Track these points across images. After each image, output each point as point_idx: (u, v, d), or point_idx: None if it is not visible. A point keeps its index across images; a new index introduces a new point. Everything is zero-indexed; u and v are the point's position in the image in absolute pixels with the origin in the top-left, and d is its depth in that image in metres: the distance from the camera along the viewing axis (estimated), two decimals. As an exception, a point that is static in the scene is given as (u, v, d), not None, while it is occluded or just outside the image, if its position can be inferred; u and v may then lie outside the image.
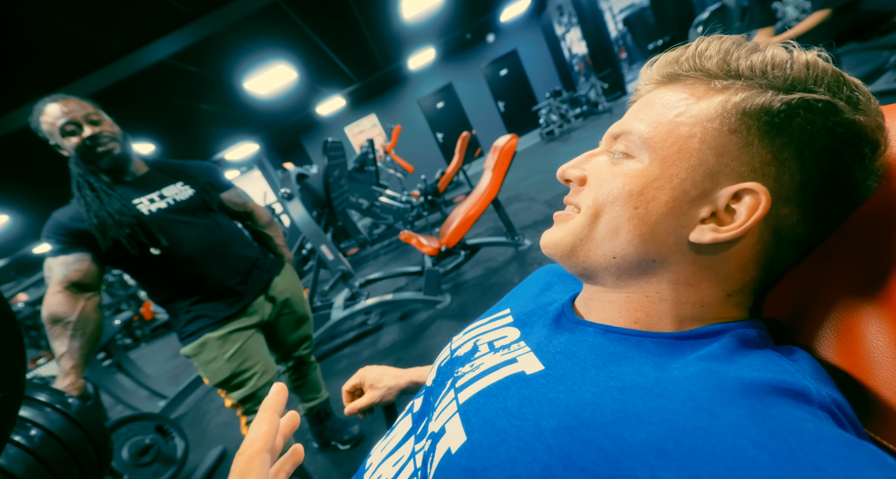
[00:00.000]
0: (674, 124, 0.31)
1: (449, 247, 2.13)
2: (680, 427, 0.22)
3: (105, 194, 0.99)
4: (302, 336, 1.34)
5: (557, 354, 0.34)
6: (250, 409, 1.12)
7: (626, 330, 0.33)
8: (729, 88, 0.29)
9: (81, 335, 0.94)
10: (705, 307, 0.32)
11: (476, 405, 0.32)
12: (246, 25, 3.27)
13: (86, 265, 0.98)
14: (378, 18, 4.49)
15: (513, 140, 2.14)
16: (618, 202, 0.32)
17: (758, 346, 0.29)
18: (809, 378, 0.26)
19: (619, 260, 0.33)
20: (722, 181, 0.29)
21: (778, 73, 0.28)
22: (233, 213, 1.26)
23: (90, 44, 2.61)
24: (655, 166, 0.31)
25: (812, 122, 0.27)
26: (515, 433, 0.27)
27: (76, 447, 0.71)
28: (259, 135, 7.45)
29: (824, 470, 0.19)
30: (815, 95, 0.27)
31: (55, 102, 0.97)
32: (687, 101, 0.31)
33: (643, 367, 0.29)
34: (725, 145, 0.29)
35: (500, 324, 0.45)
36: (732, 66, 0.30)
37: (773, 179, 0.28)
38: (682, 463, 0.21)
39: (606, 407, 0.26)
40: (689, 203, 0.30)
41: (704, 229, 0.30)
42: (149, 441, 1.39)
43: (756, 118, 0.28)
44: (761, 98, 0.28)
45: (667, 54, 0.34)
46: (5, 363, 0.54)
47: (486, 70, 8.33)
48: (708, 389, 0.24)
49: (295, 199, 2.15)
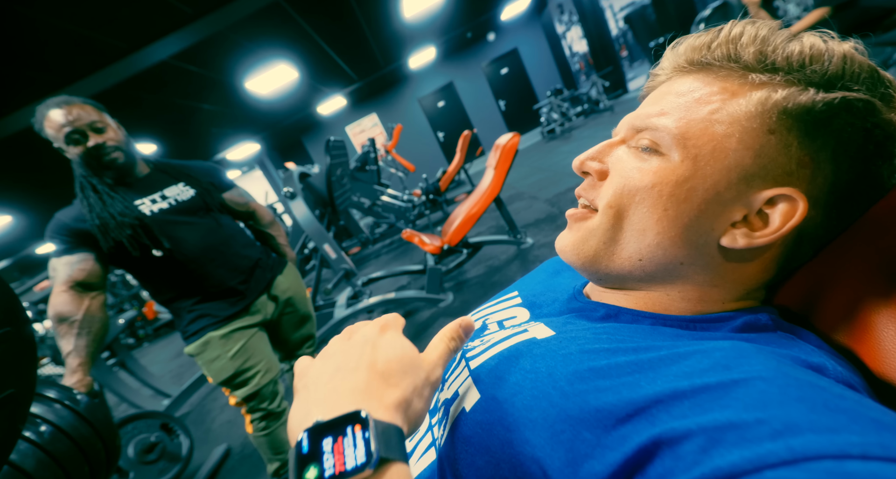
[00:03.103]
0: (709, 122, 0.28)
1: (451, 245, 2.13)
2: (697, 373, 0.23)
3: (108, 196, 1.00)
4: (305, 335, 1.34)
5: (568, 323, 0.34)
6: (254, 407, 1.13)
7: (639, 312, 0.33)
8: (767, 84, 0.28)
9: (87, 334, 0.95)
10: (725, 303, 0.32)
11: (488, 368, 0.32)
12: (247, 25, 3.27)
13: (89, 265, 0.99)
14: (379, 17, 4.49)
15: (515, 138, 2.14)
16: (645, 202, 0.30)
17: (770, 329, 0.29)
18: (826, 357, 0.26)
19: (646, 263, 0.31)
20: (757, 184, 0.28)
21: (816, 67, 0.27)
22: (235, 213, 1.26)
23: (92, 44, 2.62)
24: (688, 165, 0.29)
25: (852, 123, 0.26)
26: (529, 385, 0.27)
27: (85, 443, 0.72)
28: (260, 135, 7.46)
29: (858, 416, 0.18)
30: (856, 95, 0.26)
31: (59, 108, 0.96)
32: (722, 96, 0.29)
33: (656, 339, 0.29)
34: (763, 146, 0.27)
35: (509, 305, 0.44)
36: (769, 57, 0.28)
37: (807, 181, 0.27)
38: (696, 400, 0.21)
39: (622, 362, 0.26)
40: (723, 206, 0.28)
41: (737, 234, 0.29)
42: (154, 439, 1.41)
43: (797, 119, 0.27)
44: (803, 97, 0.26)
45: (695, 38, 0.31)
46: (16, 359, 0.54)
47: (487, 69, 8.32)
48: (724, 349, 0.24)
49: (298, 198, 2.16)
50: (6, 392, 0.53)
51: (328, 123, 8.54)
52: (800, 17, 2.50)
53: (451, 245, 2.13)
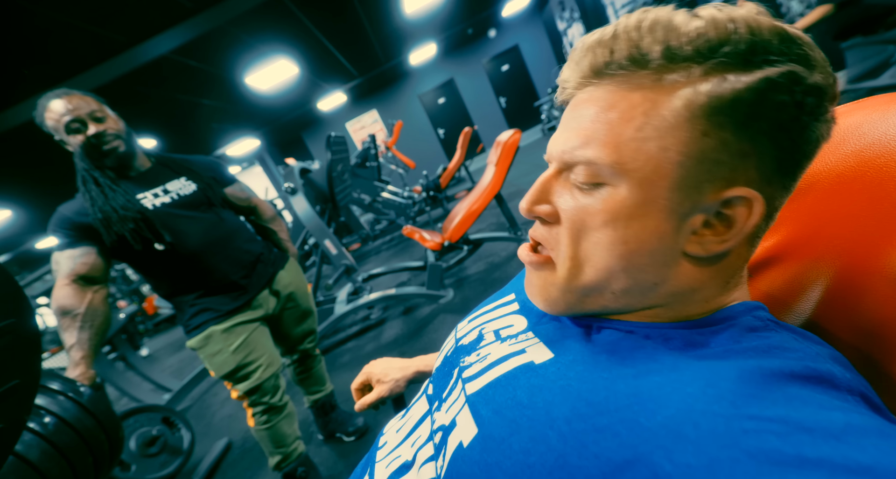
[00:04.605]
0: (639, 140, 0.26)
1: (452, 242, 2.13)
2: (699, 411, 0.22)
3: (110, 189, 1.00)
4: (306, 330, 1.35)
5: (567, 339, 0.33)
6: (256, 401, 1.14)
7: (636, 323, 0.32)
8: (685, 82, 0.26)
9: (90, 327, 0.95)
10: (710, 301, 0.31)
11: (485, 397, 0.31)
12: (248, 20, 3.25)
13: (92, 259, 0.99)
14: (380, 13, 4.46)
15: (516, 135, 2.14)
16: (603, 242, 0.29)
17: (769, 329, 0.28)
18: (830, 362, 0.25)
19: (619, 295, 0.31)
20: (707, 189, 0.26)
21: (728, 49, 0.24)
22: (237, 207, 1.26)
23: (93, 38, 2.61)
24: (635, 192, 0.27)
25: (780, 101, 0.24)
26: (527, 423, 0.27)
27: (89, 435, 0.72)
28: (260, 130, 7.43)
29: (850, 463, 0.18)
30: (776, 69, 0.24)
31: (59, 98, 0.97)
32: (643, 107, 0.26)
33: (656, 353, 0.28)
34: (702, 151, 0.26)
35: (505, 311, 0.43)
36: (676, 49, 0.25)
37: (753, 169, 0.26)
38: (700, 446, 0.20)
39: (620, 392, 0.25)
40: (681, 219, 0.27)
41: (701, 242, 0.28)
42: (156, 432, 1.41)
43: (725, 113, 0.25)
44: (725, 88, 0.25)
45: (595, 43, 0.28)
46: (21, 350, 0.55)
47: (488, 65, 8.28)
48: (730, 379, 0.23)
49: (299, 193, 2.16)
50: (11, 383, 0.53)
51: (328, 119, 8.51)
52: (803, 15, 2.49)
53: (452, 242, 2.13)
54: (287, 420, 1.20)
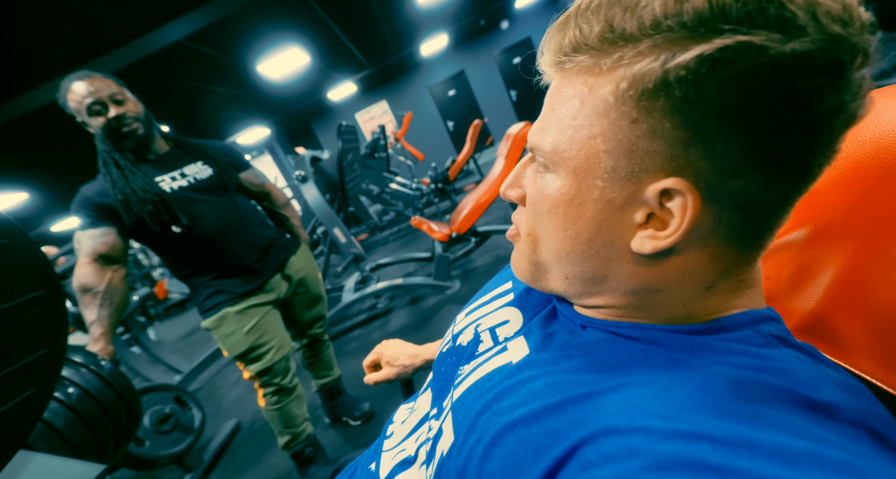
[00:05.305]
0: (573, 128, 0.26)
1: (460, 233, 2.14)
2: (640, 411, 0.21)
3: (129, 172, 1.02)
4: (316, 315, 1.37)
5: (549, 337, 0.33)
6: (267, 382, 1.17)
7: (616, 323, 0.31)
8: (617, 66, 0.23)
9: (109, 305, 0.98)
10: (689, 305, 0.28)
11: (463, 402, 0.32)
12: (261, 7, 3.25)
13: (112, 239, 1.01)
14: (392, 2, 4.43)
15: (526, 128, 2.13)
16: (549, 226, 0.29)
17: (769, 346, 0.26)
18: (835, 388, 0.22)
19: (573, 279, 0.30)
20: (643, 179, 0.24)
21: (672, 22, 0.21)
22: (251, 193, 1.28)
23: (109, 23, 2.63)
24: (571, 180, 0.27)
25: (727, 79, 0.20)
26: (492, 428, 0.27)
27: (110, 406, 0.75)
28: (270, 119, 7.45)
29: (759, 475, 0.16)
30: (720, 41, 0.20)
31: (81, 80, 0.99)
32: (580, 94, 0.25)
33: (633, 358, 0.27)
34: (631, 139, 0.24)
35: (500, 303, 0.43)
36: (617, 29, 0.23)
37: (702, 159, 0.22)
38: (626, 439, 0.20)
39: (581, 395, 0.25)
40: (618, 212, 0.26)
41: (643, 238, 0.25)
42: (168, 410, 1.45)
43: (653, 98, 0.22)
44: (653, 69, 0.22)
45: (553, 26, 0.27)
46: (50, 321, 0.57)
47: (500, 58, 8.19)
48: (690, 387, 0.22)
49: (309, 181, 2.17)
50: (41, 351, 0.56)
51: (338, 109, 8.50)
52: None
53: (460, 233, 2.14)
54: (296, 402, 1.23)
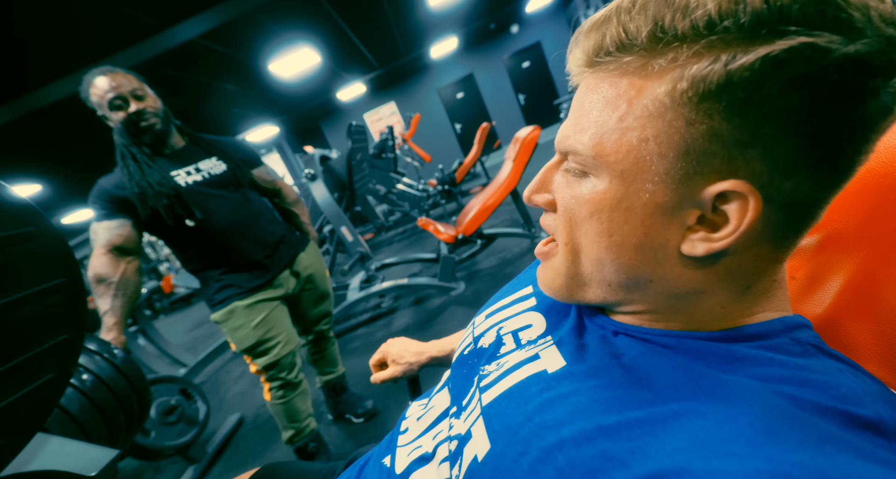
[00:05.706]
0: (620, 130, 0.25)
1: (466, 235, 2.15)
2: (711, 448, 0.20)
3: (146, 165, 1.04)
4: (323, 312, 1.39)
5: (582, 346, 0.32)
6: (273, 376, 1.18)
7: (650, 330, 0.30)
8: (673, 67, 0.23)
9: (123, 295, 1.00)
10: (727, 306, 0.28)
11: (498, 409, 0.31)
12: (274, 6, 3.29)
13: (127, 231, 1.03)
14: (404, 4, 4.47)
15: (535, 132, 2.14)
16: (590, 232, 0.28)
17: (808, 355, 0.25)
18: (881, 403, 0.22)
19: (615, 287, 0.30)
20: (697, 182, 0.24)
21: (729, 22, 0.20)
22: (262, 189, 1.30)
23: (127, 20, 2.67)
24: (617, 184, 0.26)
25: (790, 80, 0.20)
26: (538, 443, 0.26)
27: (122, 394, 0.76)
28: (280, 118, 7.52)
29: None
30: (783, 43, 0.20)
31: (104, 75, 1.01)
32: (628, 95, 0.24)
33: (675, 373, 0.26)
34: (687, 141, 0.23)
35: (523, 307, 0.42)
36: (669, 29, 0.22)
37: (759, 160, 0.22)
38: None
39: (633, 419, 0.24)
40: (669, 215, 0.25)
41: (695, 241, 0.25)
42: (174, 402, 1.47)
43: (715, 99, 0.22)
44: (714, 71, 0.21)
45: (588, 25, 0.26)
46: (70, 308, 0.58)
47: (509, 62, 8.21)
48: (751, 414, 0.21)
49: (318, 180, 2.20)
50: (61, 337, 0.57)
51: (347, 109, 8.56)
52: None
53: (466, 235, 2.15)
54: (301, 397, 1.24)
